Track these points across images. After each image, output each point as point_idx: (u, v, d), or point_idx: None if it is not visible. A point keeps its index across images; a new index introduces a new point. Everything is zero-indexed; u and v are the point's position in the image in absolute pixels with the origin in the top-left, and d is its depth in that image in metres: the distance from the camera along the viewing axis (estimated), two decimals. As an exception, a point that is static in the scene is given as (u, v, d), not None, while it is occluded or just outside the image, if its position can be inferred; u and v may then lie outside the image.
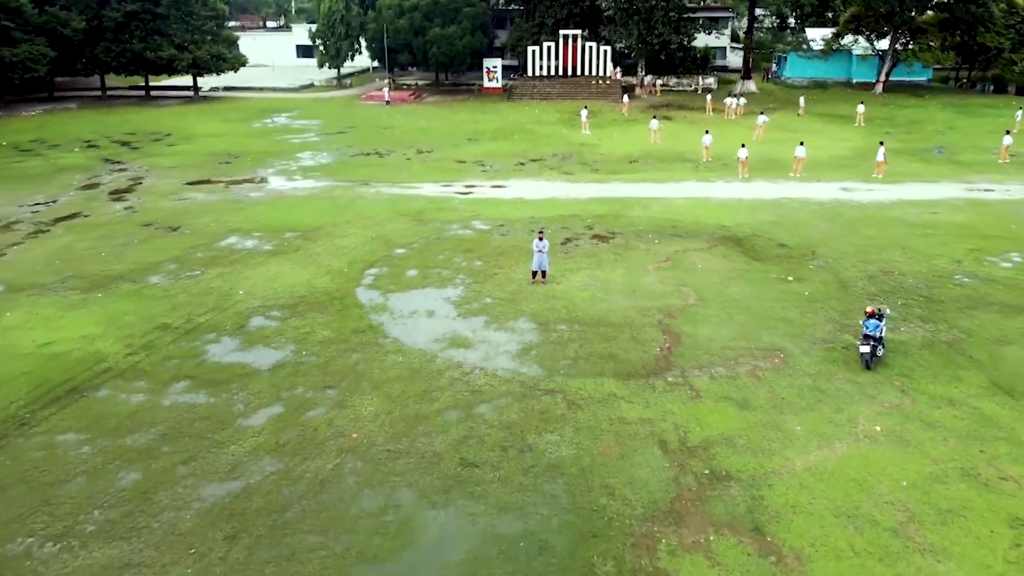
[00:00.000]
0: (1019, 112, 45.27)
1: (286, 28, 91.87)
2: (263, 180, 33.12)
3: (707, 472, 12.27)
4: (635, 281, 20.69)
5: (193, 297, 19.64)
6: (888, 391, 14.83)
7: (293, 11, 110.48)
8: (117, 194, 30.59)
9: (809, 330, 17.58)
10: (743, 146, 33.41)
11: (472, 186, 31.84)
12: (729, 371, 15.61)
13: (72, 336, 17.33)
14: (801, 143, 33.57)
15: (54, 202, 29.41)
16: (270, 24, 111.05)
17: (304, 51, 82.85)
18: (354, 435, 13.34)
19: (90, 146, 40.79)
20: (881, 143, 34.05)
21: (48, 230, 25.72)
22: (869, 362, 15.64)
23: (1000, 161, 36.17)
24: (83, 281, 20.79)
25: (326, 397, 14.67)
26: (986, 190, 30.80)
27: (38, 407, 14.34)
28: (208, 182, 32.76)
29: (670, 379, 15.27)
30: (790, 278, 20.90)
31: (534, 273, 20.43)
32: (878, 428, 13.54)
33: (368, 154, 38.70)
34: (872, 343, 15.60)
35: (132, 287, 20.39)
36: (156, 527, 11.08)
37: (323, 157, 38.15)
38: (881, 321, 15.88)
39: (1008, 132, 37.31)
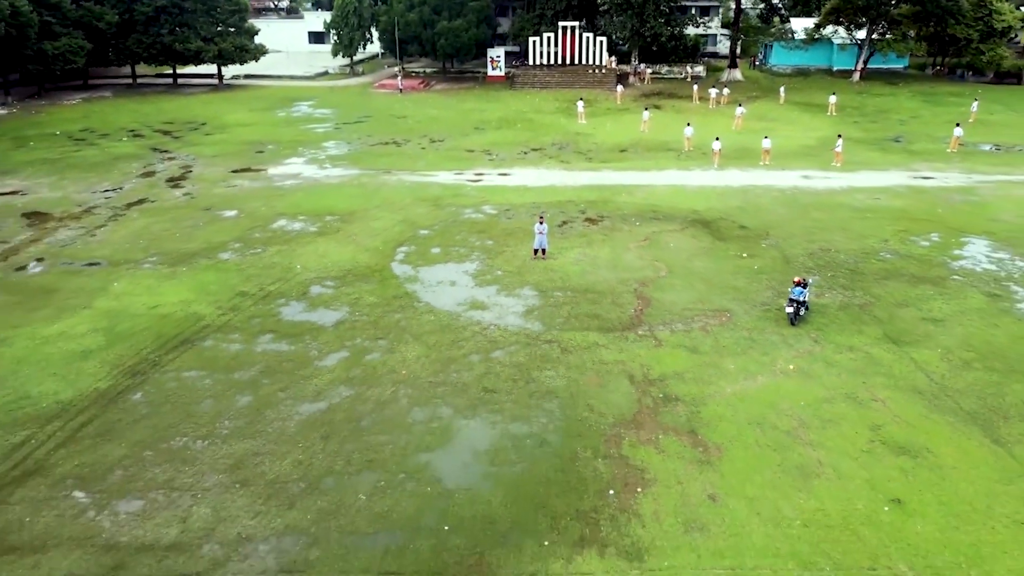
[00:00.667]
0: (975, 103, 49.49)
1: (296, 14, 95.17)
2: (298, 172, 37.53)
3: (661, 396, 16.91)
4: (618, 257, 25.22)
5: (260, 270, 24.19)
6: (804, 341, 19.44)
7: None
8: (173, 181, 35.00)
9: (752, 296, 22.15)
10: (717, 139, 37.75)
11: (481, 174, 36.24)
12: (685, 327, 20.21)
13: (172, 301, 21.92)
14: (766, 137, 37.96)
15: (120, 189, 33.83)
16: (280, 3, 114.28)
17: (316, 37, 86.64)
18: (403, 372, 17.96)
19: (136, 135, 45.06)
20: (839, 136, 38.43)
21: (124, 214, 30.20)
22: (793, 320, 20.23)
23: (949, 151, 40.45)
24: (167, 257, 25.32)
25: (378, 345, 19.27)
26: (926, 178, 35.22)
27: (163, 352, 18.96)
28: (249, 170, 37.15)
29: (640, 332, 19.87)
30: (744, 255, 25.44)
31: (535, 251, 24.94)
32: (791, 367, 18.17)
33: (387, 143, 43.02)
34: (796, 305, 20.17)
35: (208, 262, 24.93)
36: (271, 431, 15.73)
37: (346, 146, 42.46)
38: (805, 289, 20.45)
39: (958, 124, 41.59)
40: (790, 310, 20.19)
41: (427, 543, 12.57)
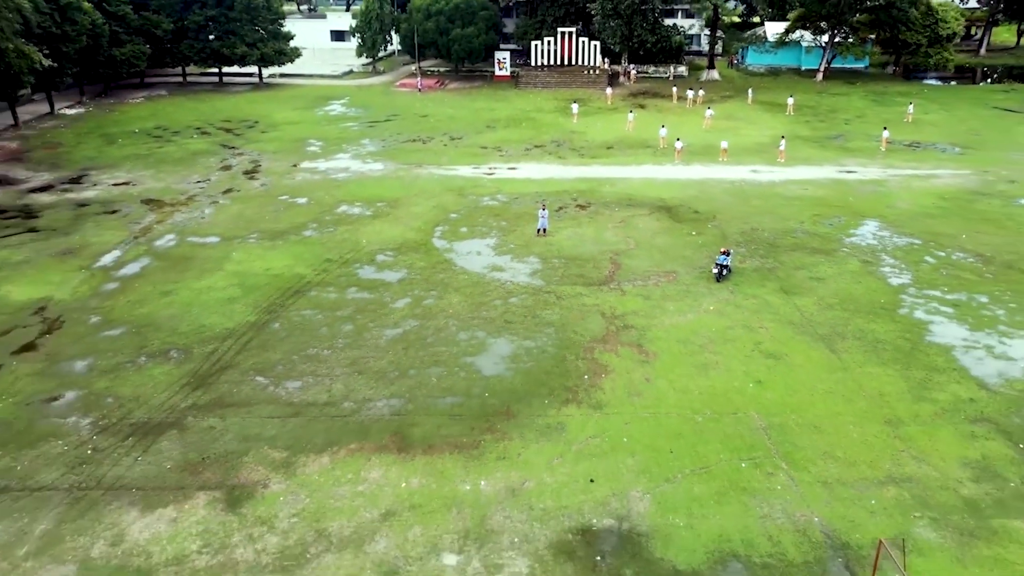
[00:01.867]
0: (911, 105, 57.61)
1: (318, 14, 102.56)
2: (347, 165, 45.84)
3: (621, 325, 25.42)
4: (600, 235, 33.65)
5: (336, 243, 32.64)
6: (723, 292, 27.94)
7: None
8: (248, 174, 43.33)
9: (694, 262, 30.62)
10: (678, 139, 46.10)
11: (494, 168, 44.56)
12: (643, 283, 28.70)
13: (279, 265, 30.41)
14: (724, 140, 46.31)
15: (208, 180, 42.17)
16: (303, 4, 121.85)
17: (337, 36, 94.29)
18: (450, 311, 26.47)
19: (203, 132, 53.28)
20: (783, 137, 46.73)
21: (219, 201, 38.59)
22: (718, 278, 28.70)
23: (881, 149, 48.61)
24: (265, 234, 33.77)
25: (431, 295, 27.76)
26: (850, 172, 43.56)
27: (284, 298, 27.47)
28: (306, 164, 45.44)
29: (611, 286, 28.36)
30: (693, 232, 33.87)
31: (538, 230, 33.36)
32: (711, 308, 26.66)
33: (414, 140, 51.25)
34: (720, 268, 28.64)
35: (296, 238, 33.38)
36: (369, 345, 24.23)
37: (381, 143, 50.67)
38: (728, 256, 28.93)
39: (885, 128, 49.77)
40: (715, 271, 28.69)
41: (475, 402, 21.14)
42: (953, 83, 73.76)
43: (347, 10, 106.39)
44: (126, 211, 36.98)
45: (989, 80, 75.72)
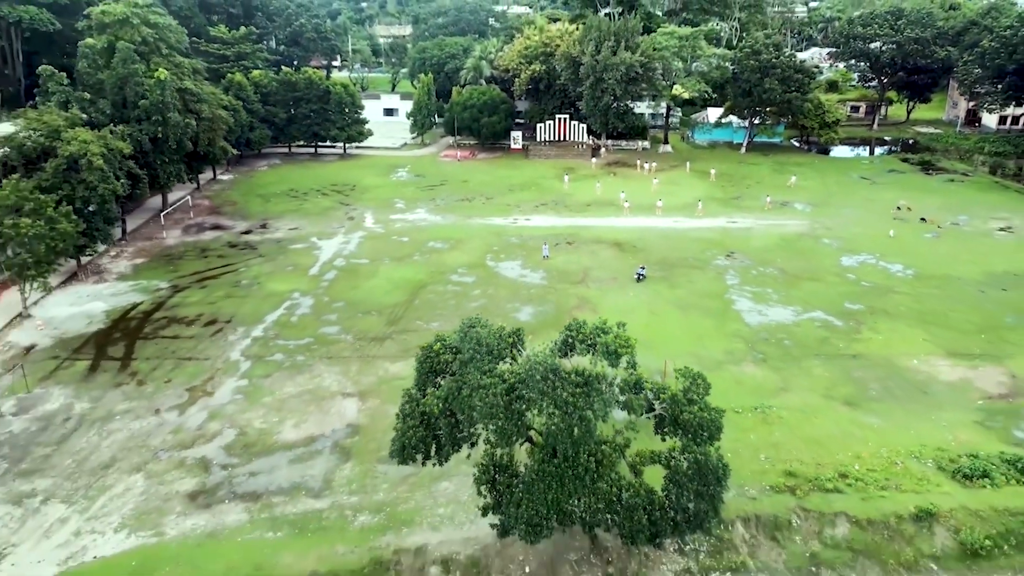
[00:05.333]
0: (793, 178, 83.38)
1: (374, 95, 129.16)
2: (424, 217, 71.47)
3: (587, 301, 50.67)
4: (578, 259, 59.04)
5: (433, 263, 58.01)
6: (640, 287, 53.25)
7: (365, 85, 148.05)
8: (367, 221, 68.85)
9: (627, 272, 55.91)
10: (622, 193, 71.83)
11: (516, 219, 70.10)
12: (599, 283, 54.03)
13: (407, 274, 55.76)
14: (659, 199, 72.09)
15: (344, 226, 67.63)
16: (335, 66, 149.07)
17: (388, 112, 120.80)
18: (501, 295, 51.88)
19: (323, 193, 78.97)
20: (699, 200, 72.45)
21: (356, 239, 64.03)
22: (638, 280, 54.08)
23: (766, 208, 73.93)
24: (392, 258, 59.13)
25: (488, 289, 52.98)
26: (734, 223, 69.09)
27: (417, 290, 52.80)
28: (401, 215, 70.98)
29: (582, 284, 53.70)
30: (632, 258, 59.26)
31: (543, 256, 58.81)
32: (631, 295, 51.93)
33: (462, 200, 76.92)
34: (639, 275, 54.07)
35: (411, 260, 58.73)
36: (464, 308, 49.44)
37: (441, 201, 76.29)
38: (644, 268, 54.46)
39: (768, 196, 75.31)
40: (636, 277, 54.11)
41: (516, 325, 46.27)
42: (859, 150, 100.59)
43: (393, 90, 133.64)
44: (306, 245, 62.54)
45: (887, 149, 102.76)
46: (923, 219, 69.43)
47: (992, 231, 66.80)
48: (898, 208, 72.68)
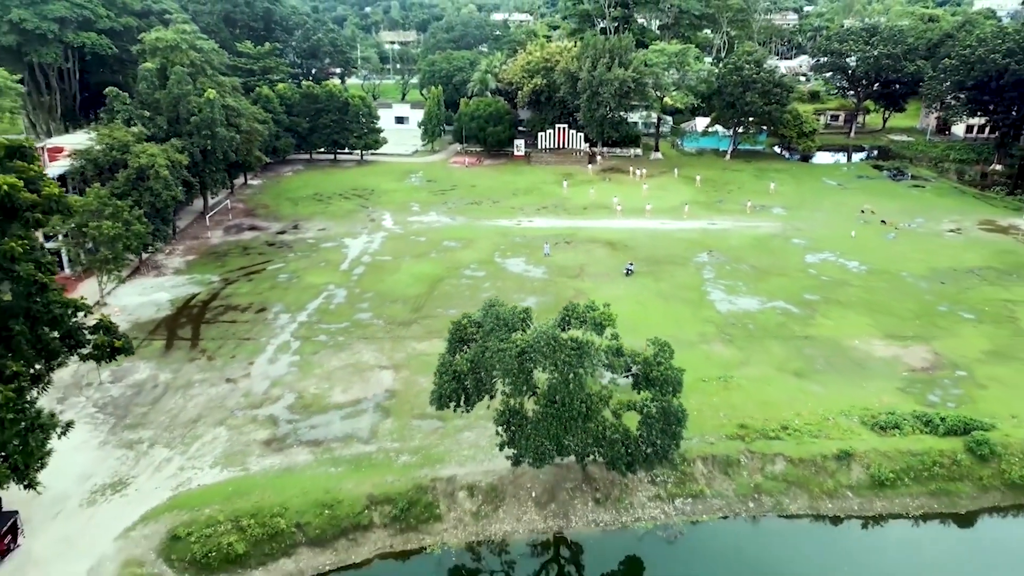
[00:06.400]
0: (772, 184, 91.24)
1: (385, 103, 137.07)
2: (437, 218, 79.38)
3: (582, 292, 58.60)
4: (575, 257, 66.97)
5: (449, 260, 65.91)
6: (628, 281, 61.18)
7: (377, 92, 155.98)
8: (387, 223, 76.75)
9: (617, 268, 63.83)
10: (615, 197, 79.71)
11: (520, 221, 78.01)
12: (593, 278, 61.96)
13: (426, 269, 63.66)
14: (648, 203, 79.96)
15: (367, 227, 75.54)
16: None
17: (399, 120, 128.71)
18: (509, 286, 59.82)
19: (344, 197, 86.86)
20: (686, 205, 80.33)
21: (379, 238, 71.95)
22: (627, 274, 62.04)
23: (747, 212, 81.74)
24: (412, 256, 67.05)
25: (497, 282, 60.87)
26: (714, 224, 77.01)
27: (435, 283, 60.71)
28: (417, 217, 78.85)
29: (577, 279, 61.66)
30: (623, 256, 67.18)
31: (545, 254, 66.72)
32: (621, 287, 59.86)
33: (471, 203, 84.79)
34: (628, 270, 62.04)
35: (428, 257, 66.65)
36: (478, 297, 57.33)
37: (452, 204, 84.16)
38: (633, 264, 62.43)
39: (749, 201, 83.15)
40: (625, 272, 62.08)
41: (525, 305, 54.21)
42: (839, 156, 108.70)
43: (403, 99, 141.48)
44: (335, 244, 70.49)
45: (865, 155, 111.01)
46: (883, 221, 77.40)
47: (943, 232, 74.82)
48: (863, 212, 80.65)
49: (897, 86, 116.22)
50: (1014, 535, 36.14)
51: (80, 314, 28.80)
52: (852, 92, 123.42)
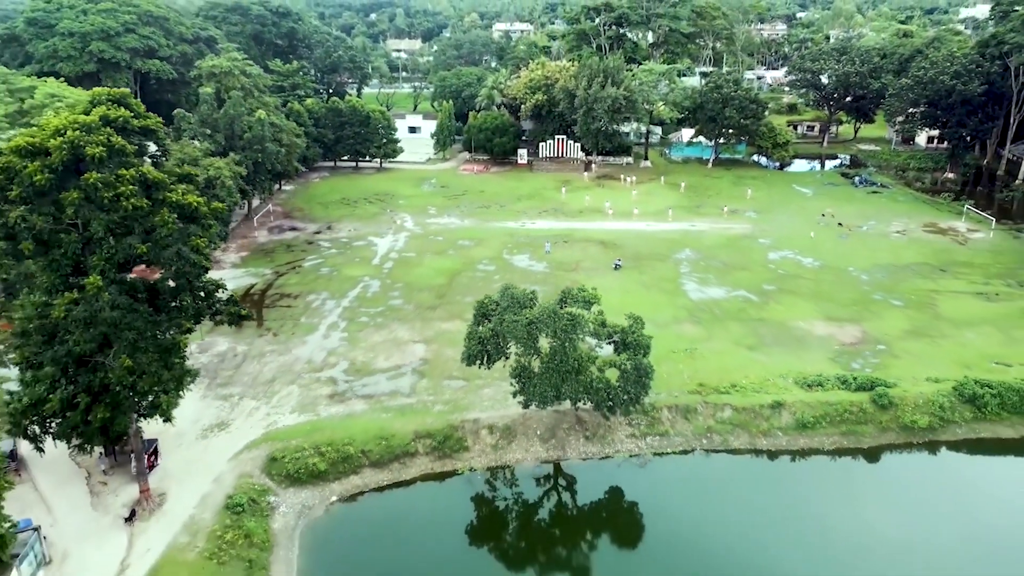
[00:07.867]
0: (749, 191, 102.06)
1: (399, 113, 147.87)
2: (451, 220, 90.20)
3: (578, 283, 69.44)
4: (572, 254, 77.82)
5: (465, 256, 76.75)
6: (617, 274, 72.05)
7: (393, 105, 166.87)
8: (408, 224, 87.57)
9: (608, 263, 74.71)
10: (607, 202, 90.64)
11: (524, 223, 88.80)
12: (587, 271, 72.82)
13: (447, 264, 74.58)
14: (635, 207, 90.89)
15: (391, 228, 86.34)
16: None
17: (412, 129, 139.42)
18: (515, 279, 70.72)
19: (369, 201, 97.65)
20: (670, 209, 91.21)
21: (403, 238, 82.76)
22: (615, 269, 72.93)
23: (724, 215, 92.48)
24: (433, 252, 77.89)
25: (507, 275, 71.78)
26: (693, 226, 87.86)
27: (454, 276, 71.55)
28: (433, 219, 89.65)
29: (573, 273, 72.51)
30: (613, 253, 78.04)
31: (546, 252, 77.58)
32: (610, 279, 70.75)
33: (481, 207, 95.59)
34: (616, 265, 72.91)
35: (447, 254, 77.48)
36: (491, 287, 68.23)
37: (465, 208, 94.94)
38: (620, 261, 73.35)
39: (725, 207, 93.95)
40: (613, 267, 72.95)
41: (531, 287, 65.06)
42: (815, 164, 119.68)
43: (415, 109, 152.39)
44: (365, 243, 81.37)
45: (838, 163, 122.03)
46: (840, 224, 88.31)
47: (889, 233, 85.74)
48: (823, 215, 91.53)
49: (865, 100, 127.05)
50: (906, 464, 47.04)
51: (219, 291, 39.33)
52: (825, 106, 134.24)
